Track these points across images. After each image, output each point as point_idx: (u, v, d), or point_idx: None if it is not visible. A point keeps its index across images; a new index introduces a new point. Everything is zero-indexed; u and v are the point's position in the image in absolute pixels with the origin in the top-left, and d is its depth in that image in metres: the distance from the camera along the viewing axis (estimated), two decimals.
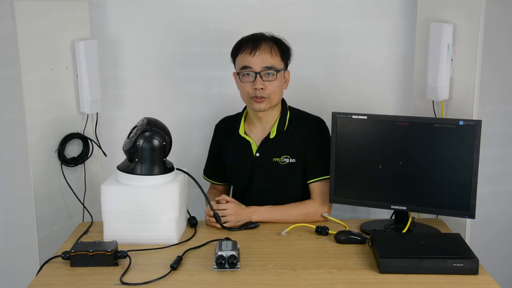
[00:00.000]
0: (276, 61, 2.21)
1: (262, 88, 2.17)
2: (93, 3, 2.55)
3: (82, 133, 2.49)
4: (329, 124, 2.21)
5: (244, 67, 2.20)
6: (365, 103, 2.63)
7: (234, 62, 2.28)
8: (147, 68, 2.68)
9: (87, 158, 2.52)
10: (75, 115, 2.47)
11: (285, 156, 2.26)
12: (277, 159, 2.26)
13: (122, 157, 2.09)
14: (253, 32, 2.28)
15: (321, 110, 2.45)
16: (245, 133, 2.32)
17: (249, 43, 2.21)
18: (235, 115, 2.40)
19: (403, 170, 2.07)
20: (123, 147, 2.05)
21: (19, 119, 2.31)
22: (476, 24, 2.15)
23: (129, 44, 2.65)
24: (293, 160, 2.26)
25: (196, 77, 2.64)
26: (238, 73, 2.23)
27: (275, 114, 2.29)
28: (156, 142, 2.00)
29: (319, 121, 2.31)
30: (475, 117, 2.17)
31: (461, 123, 1.98)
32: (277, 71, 2.20)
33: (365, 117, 2.10)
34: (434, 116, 2.36)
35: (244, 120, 2.34)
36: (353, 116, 2.12)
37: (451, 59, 2.26)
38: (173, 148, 2.10)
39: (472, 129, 1.96)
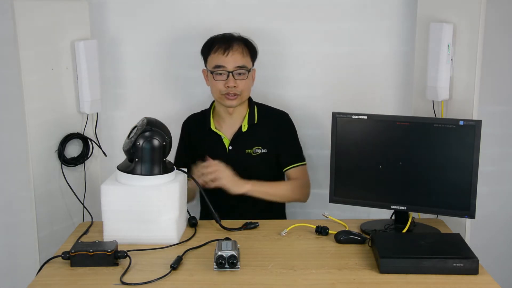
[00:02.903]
0: (247, 61, 2.34)
1: (234, 86, 2.28)
2: (93, 3, 2.55)
3: (82, 133, 2.49)
4: (329, 124, 2.21)
5: (218, 66, 2.30)
6: (365, 103, 2.63)
7: (205, 59, 2.38)
8: (147, 68, 2.68)
9: (87, 158, 2.52)
10: (75, 115, 2.47)
11: (256, 147, 2.38)
12: (249, 150, 2.39)
13: (122, 157, 2.09)
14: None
15: (321, 110, 2.44)
16: (216, 128, 2.41)
17: (222, 44, 2.31)
18: (202, 112, 2.49)
19: (403, 170, 2.07)
20: (123, 147, 2.05)
21: (19, 119, 2.30)
22: (476, 24, 2.14)
23: (129, 44, 2.65)
24: (264, 151, 2.38)
25: (196, 77, 2.63)
26: (211, 72, 2.32)
27: (243, 110, 2.41)
28: (156, 142, 2.00)
29: (284, 115, 2.47)
30: (475, 117, 2.17)
31: (461, 123, 1.98)
32: (248, 70, 2.33)
33: (365, 117, 2.10)
34: (434, 116, 2.36)
35: (213, 117, 2.43)
36: (353, 116, 2.11)
37: (451, 59, 2.26)
38: (173, 148, 2.10)
39: (472, 129, 1.96)
